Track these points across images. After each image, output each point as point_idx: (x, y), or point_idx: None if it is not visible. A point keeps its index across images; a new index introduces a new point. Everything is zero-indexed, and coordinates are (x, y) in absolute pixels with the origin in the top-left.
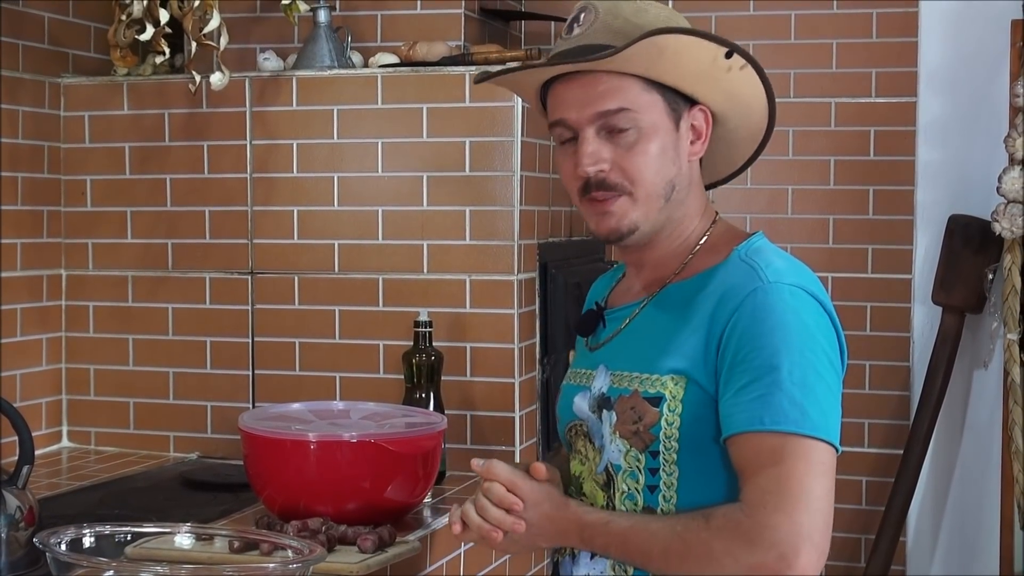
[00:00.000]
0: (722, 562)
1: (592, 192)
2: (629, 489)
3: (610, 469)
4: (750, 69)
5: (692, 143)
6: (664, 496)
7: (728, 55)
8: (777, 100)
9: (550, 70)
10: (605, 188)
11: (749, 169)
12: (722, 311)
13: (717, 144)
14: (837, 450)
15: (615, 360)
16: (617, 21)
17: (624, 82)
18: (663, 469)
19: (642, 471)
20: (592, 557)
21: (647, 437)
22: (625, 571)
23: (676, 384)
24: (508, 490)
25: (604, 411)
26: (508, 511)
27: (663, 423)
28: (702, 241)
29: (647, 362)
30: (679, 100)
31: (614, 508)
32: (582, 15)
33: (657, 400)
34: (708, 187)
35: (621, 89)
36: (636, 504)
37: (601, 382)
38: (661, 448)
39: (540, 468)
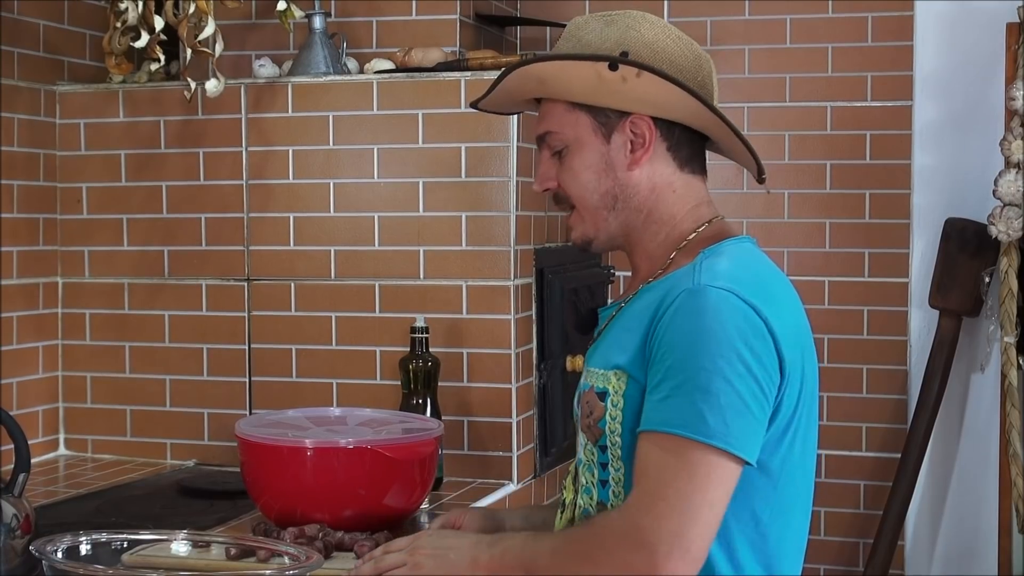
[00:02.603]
0: (597, 559)
1: (556, 205)
2: (586, 482)
3: (577, 463)
4: (649, 74)
5: (634, 151)
6: (613, 491)
7: (612, 67)
8: (773, 105)
9: (490, 99)
10: (559, 203)
11: (746, 174)
12: (659, 311)
13: (721, 145)
14: (742, 458)
15: (592, 357)
16: (568, 43)
17: (551, 106)
18: (611, 464)
19: (595, 464)
20: None
21: (596, 431)
22: None
23: (618, 379)
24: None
25: (577, 407)
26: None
27: (607, 417)
28: (682, 245)
29: (604, 358)
30: (610, 114)
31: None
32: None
33: (604, 395)
34: (760, 180)
35: (549, 113)
36: (592, 498)
37: (583, 377)
38: (608, 443)
39: (458, 519)
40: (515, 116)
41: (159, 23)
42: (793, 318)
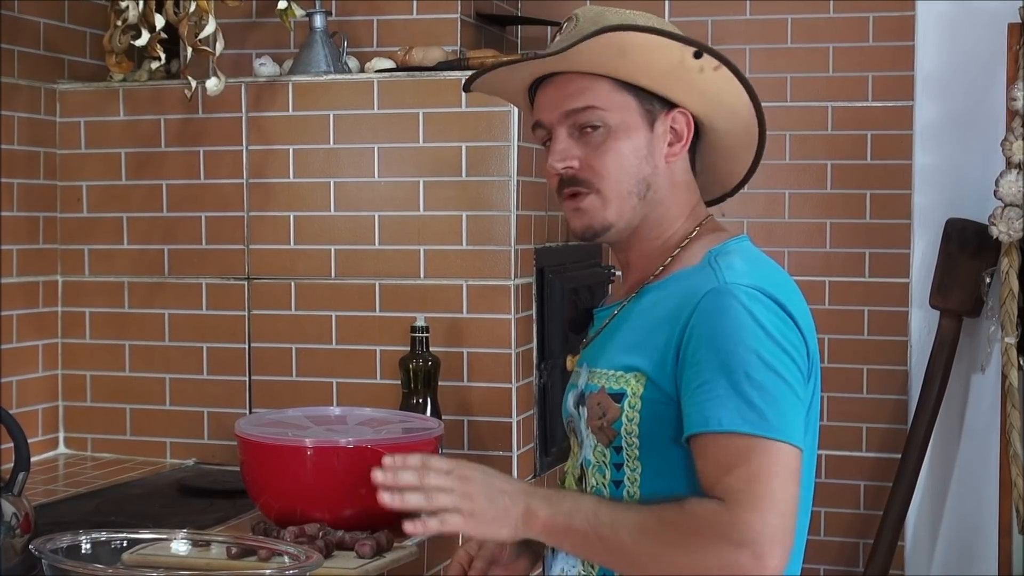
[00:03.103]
0: (691, 548)
1: (565, 189)
2: (596, 484)
3: (583, 463)
4: (725, 70)
5: (671, 145)
6: (628, 492)
7: (697, 55)
8: (774, 104)
9: (511, 69)
10: (575, 184)
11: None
12: (682, 313)
13: (713, 154)
14: (800, 450)
15: (594, 358)
16: (595, 28)
17: (594, 83)
18: (627, 464)
19: (607, 466)
20: (568, 551)
21: (610, 432)
22: (592, 568)
23: (637, 382)
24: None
25: (581, 407)
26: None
27: (624, 419)
28: (683, 243)
29: (614, 359)
30: (655, 102)
31: None
32: (565, 24)
33: (619, 396)
34: (715, 201)
35: (590, 89)
36: None
37: (583, 379)
38: (623, 444)
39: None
40: (516, 116)
41: (160, 21)
42: (807, 314)
